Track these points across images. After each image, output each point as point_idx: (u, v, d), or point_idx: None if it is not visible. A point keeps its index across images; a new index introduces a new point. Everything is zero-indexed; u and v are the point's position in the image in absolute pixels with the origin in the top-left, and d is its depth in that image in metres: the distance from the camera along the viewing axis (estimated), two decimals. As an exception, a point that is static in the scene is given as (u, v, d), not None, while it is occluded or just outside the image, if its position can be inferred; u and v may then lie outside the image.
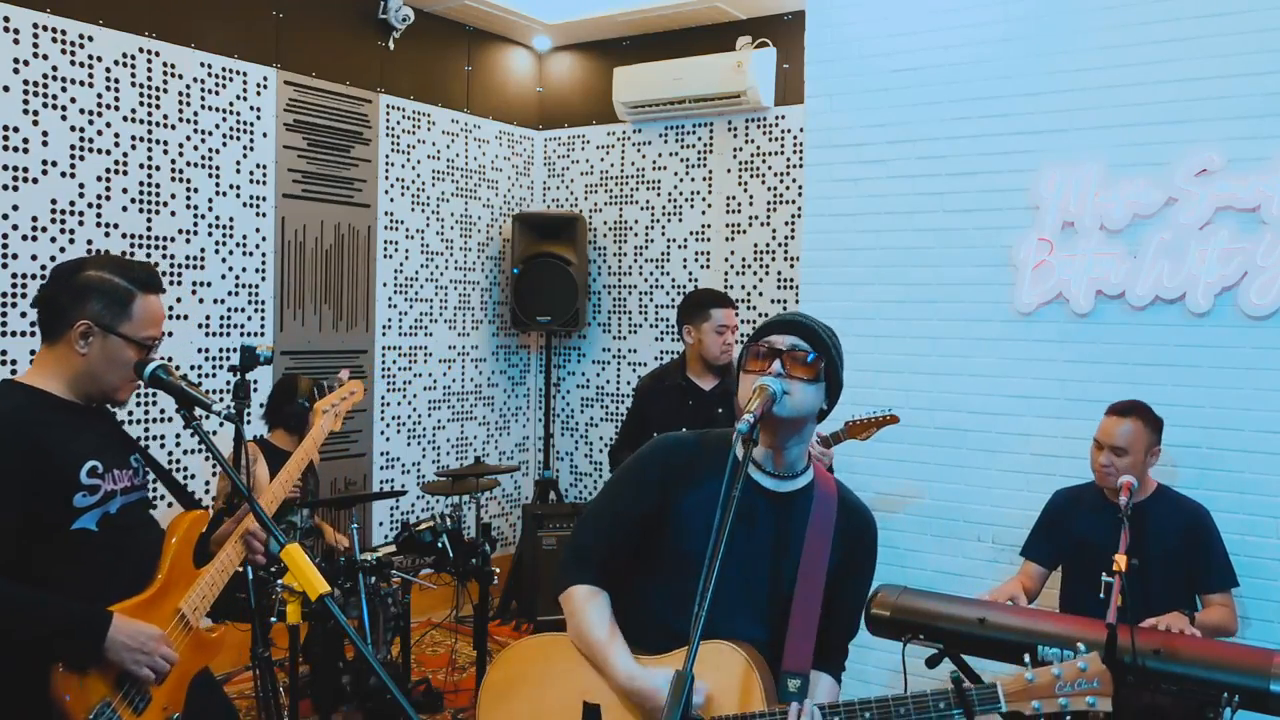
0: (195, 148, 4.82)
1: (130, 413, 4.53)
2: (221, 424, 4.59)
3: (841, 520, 2.05)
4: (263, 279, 5.13)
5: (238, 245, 5.01)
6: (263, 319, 5.14)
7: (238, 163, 5.00)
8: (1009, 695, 1.80)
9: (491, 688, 2.09)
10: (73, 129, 4.36)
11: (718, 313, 4.11)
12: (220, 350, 4.93)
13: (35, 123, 4.24)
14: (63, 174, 4.33)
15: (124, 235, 4.54)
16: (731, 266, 5.98)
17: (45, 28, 4.26)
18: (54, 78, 4.29)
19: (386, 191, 5.75)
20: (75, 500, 2.06)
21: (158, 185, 4.68)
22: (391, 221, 5.79)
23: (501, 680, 2.09)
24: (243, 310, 5.04)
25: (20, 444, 2.01)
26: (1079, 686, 1.79)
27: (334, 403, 2.90)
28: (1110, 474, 3.17)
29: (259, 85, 5.09)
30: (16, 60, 4.17)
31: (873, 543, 2.13)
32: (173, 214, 4.73)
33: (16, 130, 4.18)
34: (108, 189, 4.49)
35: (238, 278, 5.02)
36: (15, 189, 4.18)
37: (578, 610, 2.03)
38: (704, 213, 6.08)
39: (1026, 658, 1.92)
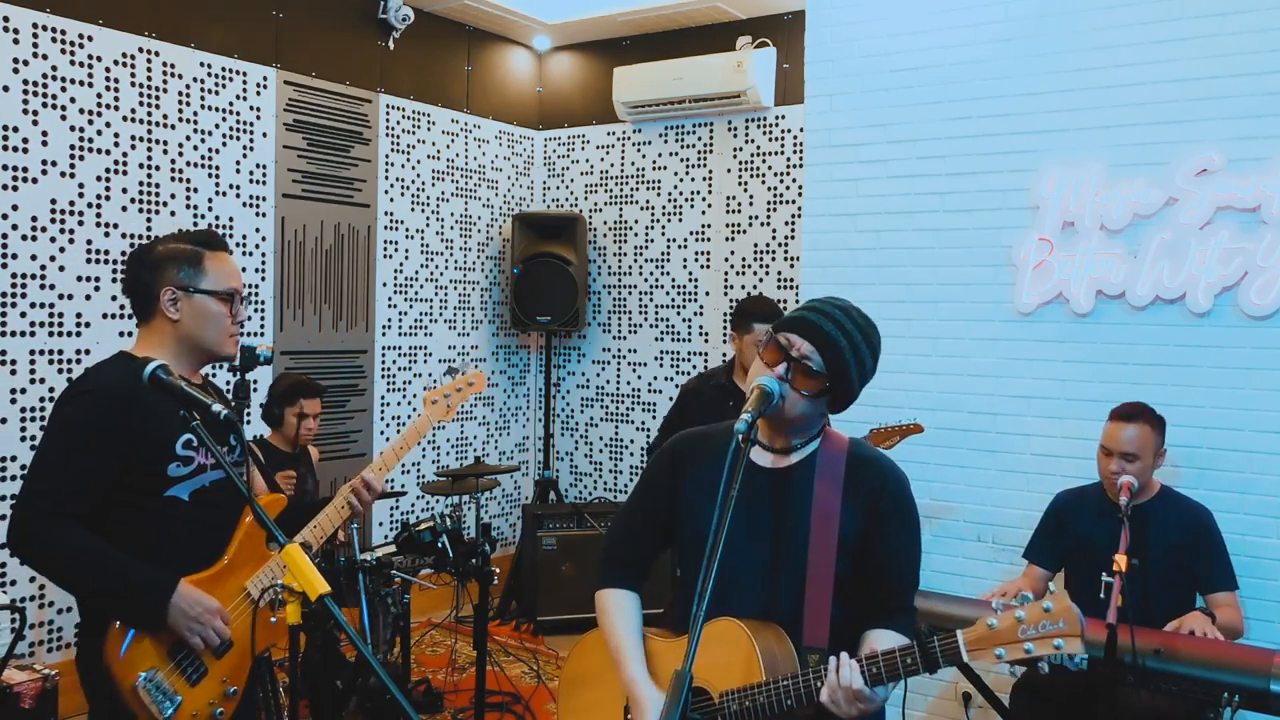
0: (195, 148, 4.82)
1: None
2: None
3: (851, 478, 1.98)
4: (263, 279, 5.13)
5: (238, 245, 5.01)
6: (263, 319, 5.14)
7: (238, 163, 5.00)
8: (970, 644, 1.73)
9: (569, 677, 2.22)
10: (72, 129, 4.36)
11: (760, 327, 4.08)
12: (220, 350, 4.93)
13: (35, 123, 4.24)
14: (62, 174, 4.33)
15: (124, 235, 4.54)
16: (731, 266, 5.98)
17: (45, 28, 4.26)
18: (54, 78, 4.29)
19: (386, 191, 5.75)
20: (169, 470, 2.19)
21: (157, 185, 4.68)
22: (391, 221, 5.79)
23: (576, 673, 2.21)
24: (243, 310, 5.04)
25: (125, 408, 2.14)
26: (1044, 629, 1.68)
27: (447, 393, 2.75)
28: (1119, 480, 3.15)
29: (259, 85, 5.09)
30: (16, 60, 4.17)
31: (900, 489, 2.00)
32: (172, 214, 4.73)
33: (16, 130, 4.18)
34: (107, 189, 4.49)
35: (238, 278, 5.01)
36: (15, 189, 4.18)
37: (601, 613, 2.12)
38: (704, 213, 6.08)
39: (995, 603, 1.85)
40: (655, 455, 2.20)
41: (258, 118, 5.08)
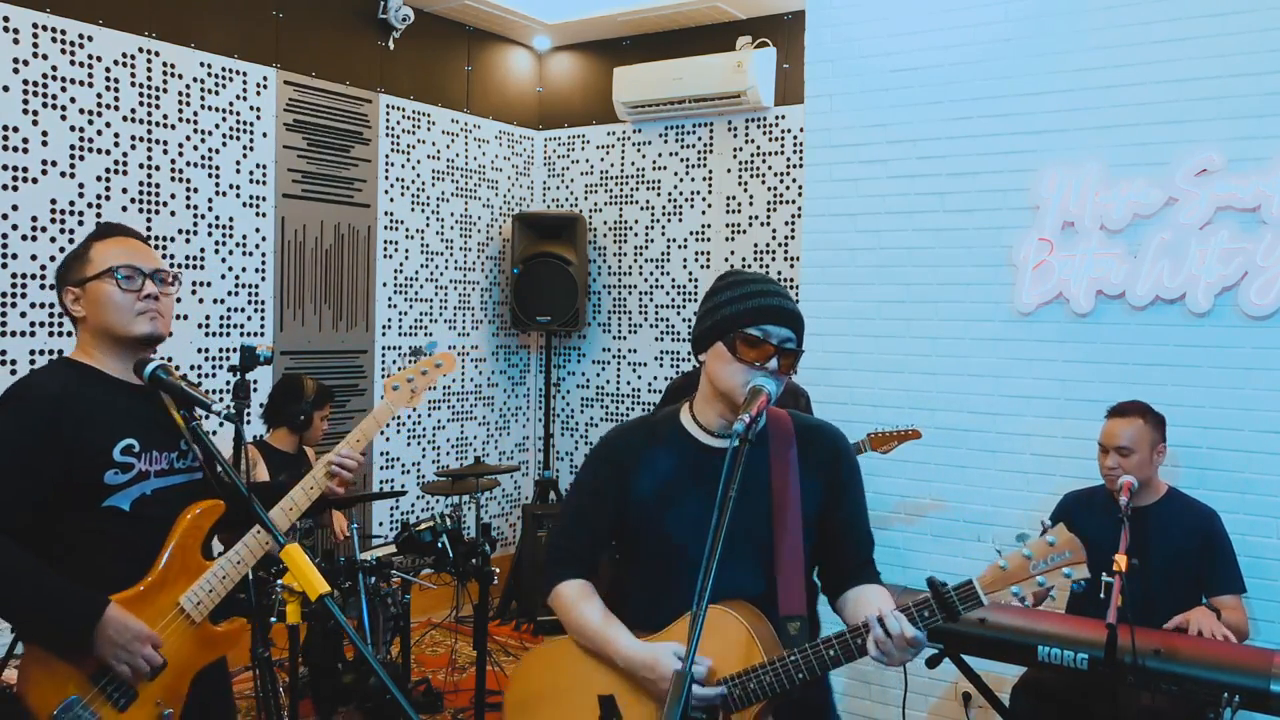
0: (195, 148, 4.82)
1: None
2: (221, 424, 4.59)
3: (803, 449, 2.04)
4: (263, 279, 5.13)
5: (238, 245, 5.01)
6: (263, 319, 5.14)
7: (237, 163, 5.00)
8: (987, 587, 1.78)
9: (516, 702, 2.11)
10: (73, 129, 4.36)
11: None
12: (220, 350, 4.93)
13: (35, 123, 4.24)
14: (62, 174, 4.33)
15: (124, 235, 4.54)
16: (731, 266, 5.97)
17: (45, 28, 4.26)
18: (54, 78, 4.29)
19: (386, 191, 5.75)
20: (106, 477, 2.08)
21: (157, 185, 4.68)
22: (391, 221, 5.79)
23: (519, 701, 2.11)
24: (242, 310, 5.04)
25: (57, 415, 2.05)
26: (1052, 560, 1.77)
27: (409, 377, 2.50)
28: (1116, 476, 3.16)
29: (259, 85, 5.09)
30: (16, 60, 4.17)
31: (847, 453, 2.10)
32: (172, 214, 4.73)
33: (16, 130, 4.18)
34: (107, 189, 4.49)
35: (238, 278, 5.02)
36: (15, 189, 4.18)
37: (568, 606, 2.06)
38: (704, 213, 6.08)
39: (997, 549, 1.92)
40: (593, 458, 2.14)
41: (258, 118, 5.08)
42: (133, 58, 4.57)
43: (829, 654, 1.84)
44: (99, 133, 4.45)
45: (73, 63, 4.35)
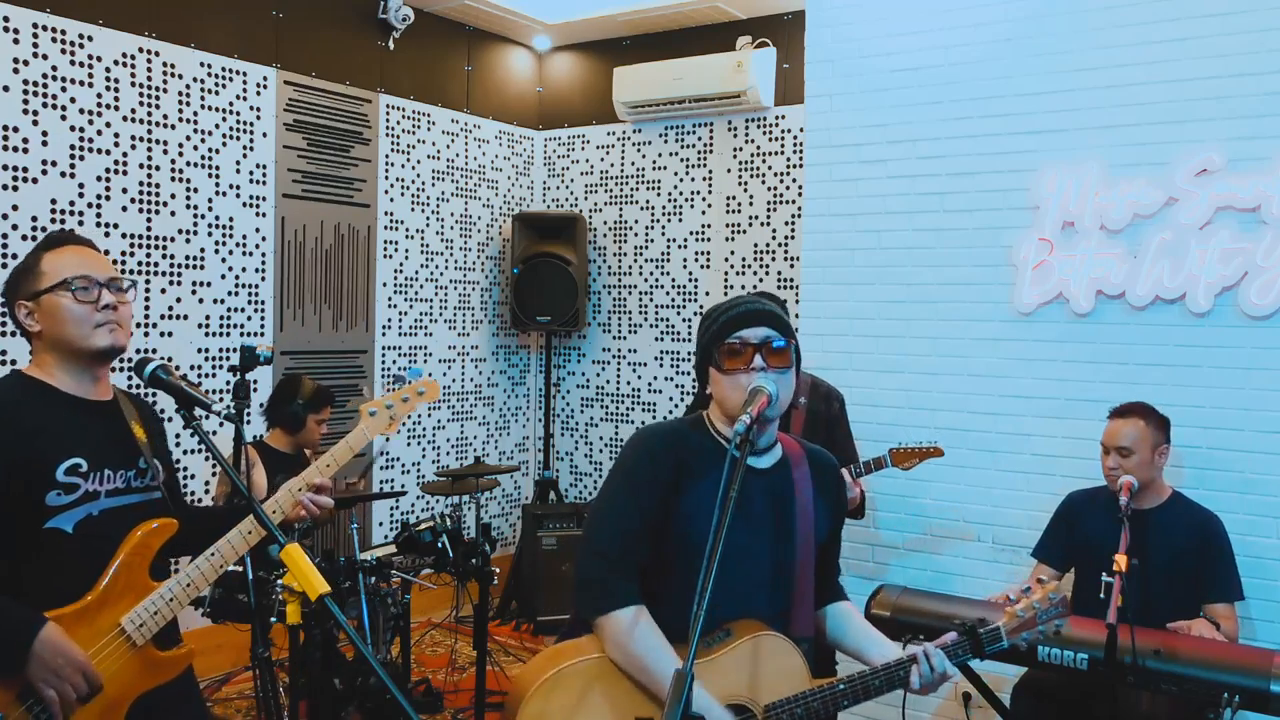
0: (195, 148, 4.82)
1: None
2: (221, 424, 4.59)
3: (816, 476, 2.14)
4: (263, 279, 5.13)
5: (238, 245, 5.01)
6: (263, 319, 5.14)
7: (237, 163, 5.00)
8: (1009, 633, 2.07)
9: (533, 717, 1.95)
10: (73, 129, 4.36)
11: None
12: (220, 350, 4.93)
13: (35, 123, 4.24)
14: (63, 174, 4.33)
15: (124, 235, 4.54)
16: (731, 266, 5.98)
17: (45, 28, 4.26)
18: (54, 78, 4.29)
19: (386, 191, 5.74)
20: (48, 498, 2.00)
21: (158, 185, 4.68)
22: (391, 221, 5.79)
23: (543, 712, 1.94)
24: (242, 310, 5.04)
25: None
26: (1050, 614, 2.10)
27: (389, 404, 2.37)
28: (1117, 476, 3.16)
29: (259, 85, 5.09)
30: (16, 60, 4.17)
31: (841, 478, 2.25)
32: (172, 214, 4.73)
33: (16, 130, 4.18)
34: (107, 189, 4.49)
35: (238, 278, 5.02)
36: (15, 189, 4.18)
37: (631, 638, 1.93)
38: (704, 213, 6.08)
39: (1010, 594, 2.14)
40: (637, 461, 2.05)
41: (258, 118, 5.08)
42: (133, 58, 4.57)
43: (874, 683, 1.98)
44: (99, 133, 4.45)
45: (73, 63, 4.35)
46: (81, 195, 4.39)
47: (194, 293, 4.83)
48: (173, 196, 4.73)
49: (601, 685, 1.94)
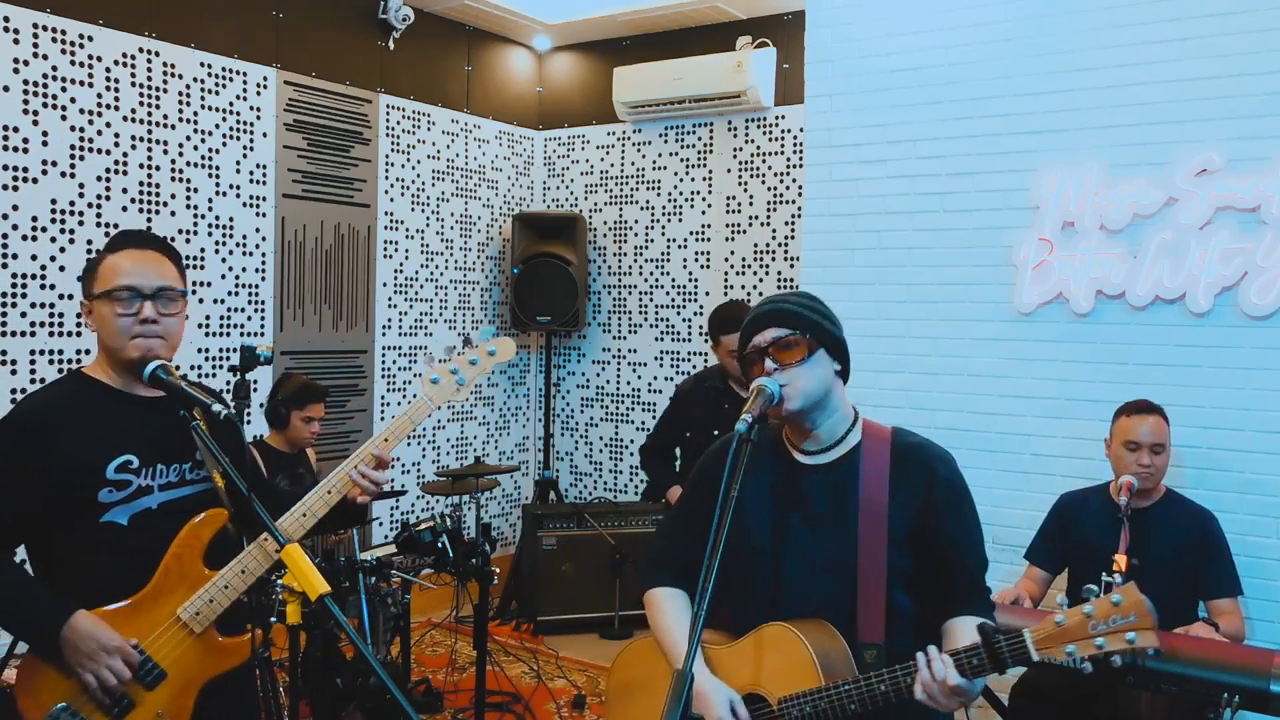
0: (195, 148, 4.82)
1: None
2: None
3: (897, 466, 1.98)
4: (263, 279, 5.13)
5: (238, 245, 5.01)
6: (263, 319, 5.14)
7: (238, 163, 5.00)
8: (1039, 643, 1.69)
9: (614, 691, 2.22)
10: (73, 129, 4.36)
11: (726, 339, 4.08)
12: (220, 350, 4.93)
13: (35, 123, 4.24)
14: (63, 174, 4.33)
15: (124, 235, 4.54)
16: (731, 266, 5.98)
17: (45, 28, 4.26)
18: (54, 78, 4.29)
19: (386, 191, 5.75)
20: (101, 495, 2.04)
21: (158, 185, 4.68)
22: (391, 221, 5.79)
23: (620, 685, 2.21)
24: (243, 310, 5.04)
25: (43, 433, 2.03)
26: (1114, 623, 1.64)
27: (454, 368, 2.23)
28: (1153, 474, 3.15)
29: (259, 85, 5.09)
30: (16, 60, 4.17)
31: (950, 473, 2.00)
32: (173, 214, 4.73)
33: (16, 130, 4.18)
34: (108, 189, 4.49)
35: (238, 278, 5.02)
36: (15, 189, 4.18)
37: (653, 609, 2.13)
38: (704, 213, 6.08)
39: (1060, 598, 1.82)
40: (705, 463, 2.16)
41: (258, 118, 5.08)
42: (133, 58, 4.57)
43: (880, 688, 1.82)
44: (99, 133, 4.45)
45: (73, 63, 4.35)
46: (82, 195, 4.39)
47: (194, 293, 4.83)
48: (173, 196, 4.73)
49: (660, 657, 2.12)
